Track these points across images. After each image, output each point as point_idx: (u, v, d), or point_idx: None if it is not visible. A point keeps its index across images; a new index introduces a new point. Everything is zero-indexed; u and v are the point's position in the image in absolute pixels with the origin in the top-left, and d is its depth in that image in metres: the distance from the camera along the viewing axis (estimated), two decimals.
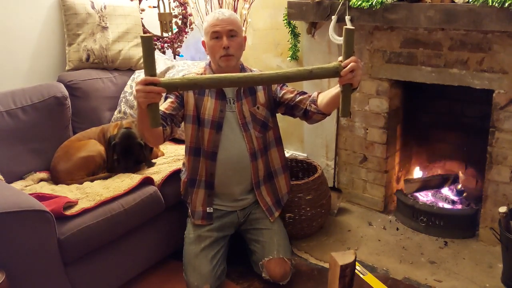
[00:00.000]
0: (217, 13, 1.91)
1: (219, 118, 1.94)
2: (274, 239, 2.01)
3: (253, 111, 1.99)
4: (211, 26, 1.89)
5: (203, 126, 1.94)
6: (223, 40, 1.87)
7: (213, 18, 1.90)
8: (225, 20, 1.88)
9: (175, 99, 1.94)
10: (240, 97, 1.98)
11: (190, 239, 1.99)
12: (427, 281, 2.06)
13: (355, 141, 2.72)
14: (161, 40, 2.93)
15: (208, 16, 1.96)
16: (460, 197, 2.58)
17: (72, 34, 2.49)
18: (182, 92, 1.94)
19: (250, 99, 1.99)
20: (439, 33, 2.24)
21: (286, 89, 2.02)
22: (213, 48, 1.90)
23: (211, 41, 1.90)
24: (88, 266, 1.84)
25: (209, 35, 1.90)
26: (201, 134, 1.95)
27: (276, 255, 1.97)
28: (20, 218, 1.56)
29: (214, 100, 1.95)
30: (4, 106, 2.12)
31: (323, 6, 2.47)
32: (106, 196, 1.91)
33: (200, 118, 1.95)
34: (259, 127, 2.00)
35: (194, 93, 1.95)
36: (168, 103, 1.92)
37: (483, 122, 2.25)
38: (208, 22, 1.91)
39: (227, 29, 1.87)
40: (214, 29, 1.87)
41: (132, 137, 2.18)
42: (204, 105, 1.94)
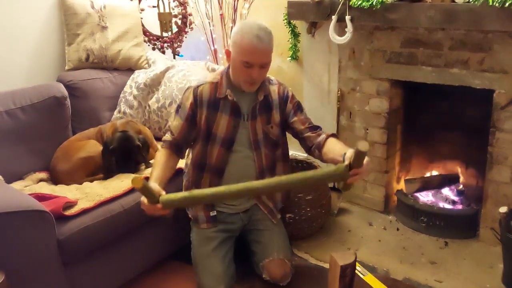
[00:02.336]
0: (254, 37, 1.67)
1: (232, 135, 1.86)
2: (275, 240, 2.00)
3: (267, 129, 1.91)
4: (246, 52, 1.68)
5: (214, 143, 1.87)
6: (253, 71, 1.71)
7: (250, 43, 1.67)
8: (263, 51, 1.69)
9: (186, 119, 1.85)
10: (256, 115, 1.88)
11: (198, 241, 1.96)
12: (428, 282, 2.06)
13: (355, 141, 2.70)
14: (160, 40, 2.93)
15: (243, 31, 1.70)
16: (460, 197, 2.57)
17: (72, 34, 2.49)
18: (195, 108, 1.85)
19: (265, 117, 1.90)
20: (439, 33, 2.24)
21: (298, 118, 1.91)
22: (240, 71, 1.74)
23: (239, 64, 1.72)
24: (88, 266, 1.84)
25: (239, 59, 1.71)
26: (209, 150, 1.88)
27: (277, 256, 1.96)
28: (20, 218, 1.56)
29: (229, 116, 1.85)
30: (4, 106, 2.11)
31: (323, 5, 2.47)
32: (106, 196, 1.91)
33: (211, 134, 1.87)
34: (269, 146, 1.94)
35: (208, 107, 1.85)
36: (179, 127, 1.86)
37: (483, 122, 2.25)
38: (242, 42, 1.69)
39: (261, 62, 1.71)
40: (248, 58, 1.69)
41: (129, 140, 2.16)
42: (217, 121, 1.85)
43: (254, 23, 1.73)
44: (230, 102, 1.84)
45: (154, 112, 2.52)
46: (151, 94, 2.56)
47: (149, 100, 2.55)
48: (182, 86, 2.47)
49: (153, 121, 2.54)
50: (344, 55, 2.63)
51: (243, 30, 1.70)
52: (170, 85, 2.51)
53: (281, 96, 1.93)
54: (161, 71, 2.59)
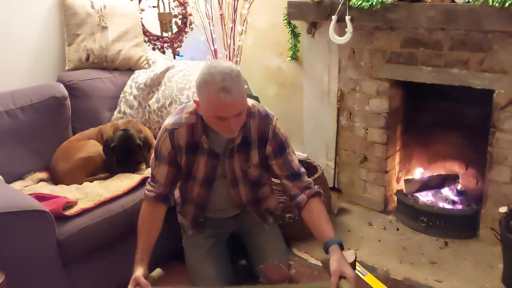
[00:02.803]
0: (221, 91, 1.46)
1: (211, 174, 1.77)
2: (269, 245, 1.95)
3: (245, 168, 1.78)
4: (215, 109, 1.51)
5: (194, 182, 1.79)
6: (229, 122, 1.53)
7: (217, 99, 1.47)
8: (233, 104, 1.49)
9: (169, 163, 1.72)
10: (233, 154, 1.74)
11: (189, 248, 1.94)
12: (428, 282, 2.06)
13: (355, 141, 2.71)
14: (161, 40, 2.93)
15: (207, 84, 1.48)
16: (460, 197, 2.57)
17: (72, 34, 2.49)
18: (174, 154, 1.71)
19: (243, 156, 1.75)
20: (439, 33, 2.24)
21: (277, 162, 1.74)
22: (215, 124, 1.58)
23: (212, 119, 1.56)
24: (88, 266, 1.84)
25: (210, 114, 1.55)
26: (190, 188, 1.82)
27: (271, 261, 1.92)
28: (20, 218, 1.56)
29: (206, 158, 1.73)
30: (4, 106, 2.12)
31: (323, 6, 2.47)
32: (106, 196, 1.91)
33: (190, 174, 1.78)
34: (249, 184, 1.83)
35: (186, 152, 1.72)
36: (165, 173, 1.73)
37: (483, 122, 2.25)
38: (209, 99, 1.49)
39: (234, 114, 1.52)
40: (219, 114, 1.52)
41: (130, 139, 2.17)
42: (196, 163, 1.74)
43: (216, 70, 1.49)
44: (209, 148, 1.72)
45: (154, 112, 2.52)
46: (151, 94, 2.56)
47: (149, 100, 2.55)
48: (182, 86, 2.47)
49: (153, 121, 2.54)
50: (344, 55, 2.63)
51: (207, 82, 1.48)
52: (170, 85, 2.51)
53: (260, 135, 1.73)
54: (161, 71, 2.59)
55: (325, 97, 2.79)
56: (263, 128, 1.72)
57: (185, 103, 1.80)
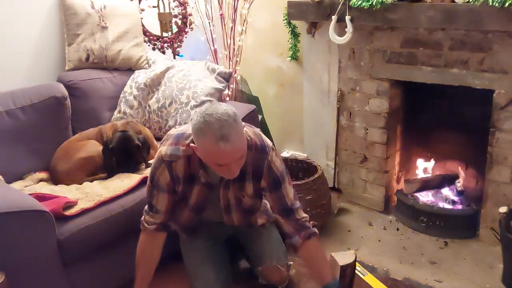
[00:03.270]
0: (220, 140, 1.43)
1: (202, 202, 1.77)
2: (266, 247, 1.95)
3: (239, 196, 1.77)
4: (215, 157, 1.49)
5: (184, 206, 1.78)
6: (230, 167, 1.52)
7: (216, 149, 1.44)
8: (233, 151, 1.47)
9: (168, 192, 1.70)
10: (228, 185, 1.72)
11: (186, 251, 1.94)
12: (428, 282, 2.06)
13: (355, 141, 2.71)
14: (161, 40, 2.93)
15: (204, 133, 1.45)
16: (460, 197, 2.57)
17: (72, 34, 2.49)
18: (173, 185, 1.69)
19: (238, 185, 1.73)
20: (439, 33, 2.24)
21: (271, 196, 1.74)
22: (216, 169, 1.57)
23: (212, 165, 1.55)
24: (88, 266, 1.84)
25: (211, 161, 1.53)
26: (178, 211, 1.80)
27: (269, 263, 1.92)
28: (20, 218, 1.56)
29: (201, 187, 1.71)
30: (4, 106, 2.11)
31: (323, 6, 2.47)
32: (106, 196, 1.91)
33: (182, 198, 1.76)
34: (242, 211, 1.84)
35: (184, 183, 1.69)
36: (165, 202, 1.71)
37: (483, 122, 2.25)
38: (208, 148, 1.47)
39: (235, 159, 1.51)
40: (220, 161, 1.50)
41: (129, 140, 2.16)
42: (191, 192, 1.73)
43: (212, 118, 1.44)
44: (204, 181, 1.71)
45: (154, 112, 2.52)
46: (151, 94, 2.56)
47: (149, 100, 2.55)
48: (182, 86, 2.47)
49: (153, 121, 2.54)
50: (344, 55, 2.63)
51: (204, 132, 1.45)
52: (170, 85, 2.51)
53: (255, 169, 1.69)
54: (161, 71, 2.59)
55: (325, 97, 2.79)
56: (258, 162, 1.68)
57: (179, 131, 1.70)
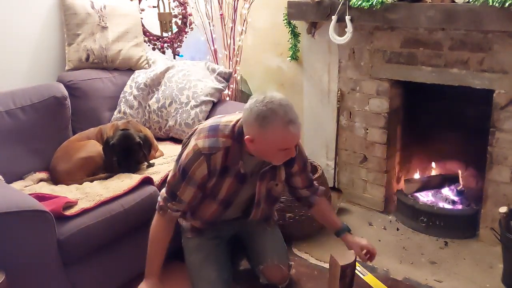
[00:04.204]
0: (289, 124, 1.51)
1: (232, 196, 1.77)
2: (269, 245, 1.97)
3: (270, 186, 1.81)
4: (284, 142, 1.54)
5: (212, 200, 1.77)
6: (291, 151, 1.59)
7: (287, 133, 1.52)
8: (299, 134, 1.58)
9: (198, 187, 1.69)
10: (264, 177, 1.76)
11: (189, 250, 1.93)
12: (428, 281, 2.06)
13: (355, 141, 2.72)
14: (161, 40, 2.93)
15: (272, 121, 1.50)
16: (460, 197, 2.57)
17: (72, 34, 2.49)
18: (208, 179, 1.68)
19: (270, 174, 1.78)
20: (439, 33, 2.24)
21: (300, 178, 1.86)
22: (274, 156, 1.61)
23: (274, 151, 1.58)
24: (88, 266, 1.83)
25: (275, 147, 1.56)
26: (205, 205, 1.80)
27: (271, 262, 1.93)
28: (20, 218, 1.56)
29: (232, 179, 1.72)
30: (4, 106, 2.11)
31: (323, 6, 2.47)
32: (106, 196, 1.91)
33: (211, 193, 1.76)
34: (269, 202, 1.88)
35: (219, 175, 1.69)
36: (191, 195, 1.70)
37: (483, 122, 2.25)
38: (277, 135, 1.52)
39: (298, 142, 1.63)
40: (287, 146, 1.56)
41: (130, 138, 2.17)
42: (222, 185, 1.73)
43: (275, 105, 1.51)
44: (239, 171, 1.70)
45: (154, 112, 2.52)
46: (151, 94, 2.56)
47: (149, 100, 2.55)
48: (182, 86, 2.47)
49: (153, 121, 2.54)
50: (344, 55, 2.63)
51: (271, 119, 1.50)
52: (170, 85, 2.51)
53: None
54: (161, 71, 2.59)
55: (325, 97, 2.79)
56: None
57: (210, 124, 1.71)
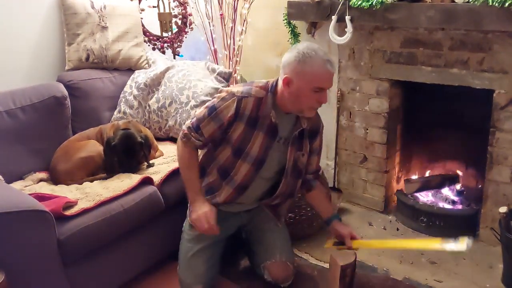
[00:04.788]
0: (328, 63, 1.66)
1: (264, 155, 1.79)
2: (278, 242, 1.98)
3: (297, 157, 1.85)
4: (320, 79, 1.66)
5: (245, 160, 1.78)
6: (323, 95, 1.69)
7: (324, 70, 1.65)
8: (332, 76, 1.69)
9: (219, 127, 1.75)
10: (295, 141, 1.82)
11: (190, 236, 1.94)
12: (428, 282, 2.06)
13: (355, 141, 2.72)
14: (161, 40, 2.93)
15: (311, 58, 1.65)
16: (460, 197, 2.57)
17: (72, 34, 2.49)
18: (233, 121, 1.74)
19: (297, 144, 1.84)
20: (439, 33, 2.24)
21: (315, 158, 1.94)
22: (308, 99, 1.68)
23: (308, 92, 1.66)
24: (88, 266, 1.84)
25: (311, 86, 1.65)
26: (238, 166, 1.79)
27: (279, 258, 1.94)
28: (20, 218, 1.56)
29: (264, 135, 1.76)
30: (4, 106, 2.11)
31: (323, 6, 2.47)
32: (106, 196, 1.91)
33: (243, 151, 1.77)
34: (295, 174, 1.88)
35: (246, 123, 1.74)
36: (210, 131, 1.77)
37: (483, 122, 2.25)
38: (315, 71, 1.64)
39: (331, 85, 1.72)
40: (322, 84, 1.66)
41: (132, 137, 2.17)
42: (252, 140, 1.76)
43: (314, 48, 1.67)
44: (270, 122, 1.75)
45: (154, 112, 2.52)
46: (151, 94, 2.56)
47: (149, 100, 2.55)
48: (182, 86, 2.47)
49: (153, 121, 2.54)
50: (344, 55, 2.63)
51: (312, 56, 1.65)
52: (170, 85, 2.51)
53: (312, 128, 1.87)
54: (161, 71, 2.59)
55: None
56: (316, 123, 1.89)
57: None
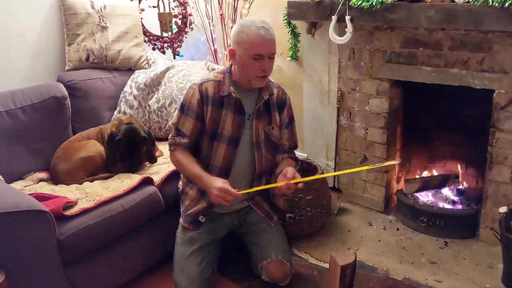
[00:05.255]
0: (261, 29, 1.73)
1: (237, 133, 1.87)
2: (273, 241, 1.99)
3: (268, 130, 1.92)
4: (255, 45, 1.73)
5: (219, 142, 1.86)
6: (264, 62, 1.75)
7: (257, 36, 1.73)
8: (270, 41, 1.75)
9: (196, 118, 1.85)
10: (260, 114, 1.90)
11: (182, 240, 1.95)
12: (428, 281, 2.06)
13: (355, 141, 2.71)
14: (161, 40, 2.93)
15: (246, 27, 1.74)
16: (460, 197, 2.57)
17: (72, 34, 2.49)
18: (202, 106, 1.84)
19: (267, 118, 1.93)
20: (439, 33, 2.24)
21: (288, 131, 2.00)
22: (250, 67, 1.77)
23: (248, 60, 1.75)
24: (88, 266, 1.84)
25: (249, 54, 1.74)
26: (215, 149, 1.87)
27: (275, 257, 1.95)
28: (20, 218, 1.56)
29: (233, 114, 1.86)
30: (4, 106, 2.12)
31: (323, 6, 2.47)
32: (106, 196, 1.91)
33: (216, 133, 1.86)
34: (269, 148, 1.94)
35: (213, 105, 1.84)
36: (191, 127, 1.86)
37: (483, 122, 2.25)
38: (250, 38, 1.73)
39: (270, 52, 1.76)
40: (258, 51, 1.73)
41: (135, 132, 2.17)
42: (222, 120, 1.85)
43: (253, 19, 1.78)
44: (234, 99, 1.84)
45: (154, 112, 2.52)
46: (151, 94, 2.57)
47: (149, 100, 2.56)
48: (182, 86, 2.47)
49: (153, 121, 2.54)
50: (344, 55, 2.63)
51: (246, 26, 1.75)
52: (170, 85, 2.52)
53: (279, 99, 1.97)
54: (161, 71, 2.59)
55: (325, 97, 2.79)
56: (281, 96, 1.98)
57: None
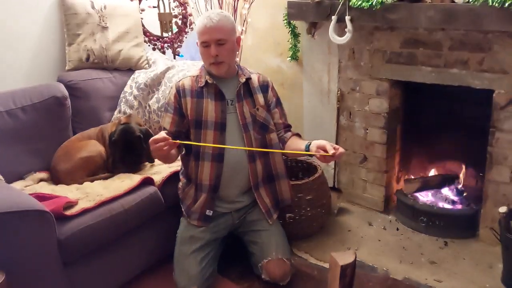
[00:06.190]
0: (205, 18, 1.86)
1: (222, 118, 1.93)
2: (273, 240, 2.00)
3: (253, 112, 1.99)
4: (200, 33, 1.88)
5: (206, 129, 1.93)
6: (211, 48, 1.86)
7: (201, 25, 1.86)
8: (213, 28, 1.84)
9: (174, 112, 1.95)
10: (241, 98, 1.98)
11: (182, 239, 1.98)
12: (427, 281, 2.06)
13: (355, 141, 2.72)
14: (161, 40, 2.93)
15: (198, 19, 1.91)
16: (460, 197, 2.57)
17: (72, 34, 2.49)
18: (180, 99, 1.95)
19: (250, 100, 2.00)
20: (439, 33, 2.24)
21: (278, 110, 2.08)
22: (203, 55, 1.91)
23: (201, 48, 1.91)
24: (88, 266, 1.84)
25: (199, 42, 1.90)
26: (203, 138, 1.93)
27: (275, 256, 1.96)
28: (20, 218, 1.56)
29: (214, 102, 1.94)
30: (4, 106, 2.12)
31: (323, 6, 2.47)
32: (106, 196, 1.91)
33: (201, 121, 1.93)
34: (258, 128, 2.00)
35: (192, 96, 1.95)
36: (170, 121, 1.96)
37: (483, 122, 2.25)
38: (197, 27, 1.89)
39: (215, 38, 1.85)
40: (203, 38, 1.87)
41: (130, 131, 2.18)
42: (205, 108, 1.93)
43: (212, 11, 1.94)
44: (213, 87, 1.93)
45: (154, 112, 2.53)
46: (151, 94, 2.57)
47: (149, 100, 2.56)
48: None
49: (153, 121, 2.54)
50: (344, 55, 2.63)
51: (199, 18, 1.89)
52: (171, 85, 2.52)
53: (261, 83, 2.05)
54: (161, 71, 2.59)
55: (325, 97, 2.80)
56: (263, 79, 2.07)
57: None
